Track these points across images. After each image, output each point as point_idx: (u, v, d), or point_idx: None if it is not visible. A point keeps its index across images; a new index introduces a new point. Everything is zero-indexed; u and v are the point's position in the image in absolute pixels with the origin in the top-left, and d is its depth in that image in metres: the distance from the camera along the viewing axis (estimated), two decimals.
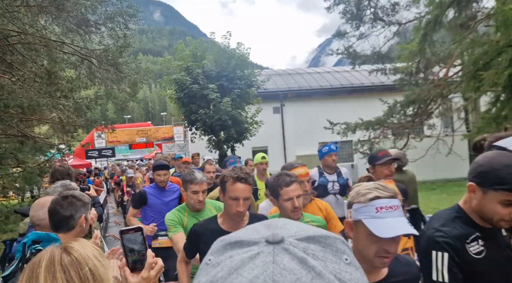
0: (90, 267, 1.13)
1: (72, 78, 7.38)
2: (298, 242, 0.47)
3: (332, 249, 0.47)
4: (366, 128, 12.16)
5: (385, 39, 14.93)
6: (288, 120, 20.86)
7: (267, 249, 0.46)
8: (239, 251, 0.47)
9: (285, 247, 0.46)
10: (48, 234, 1.98)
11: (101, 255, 1.22)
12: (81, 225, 2.15)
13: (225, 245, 0.50)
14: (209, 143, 14.89)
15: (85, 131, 14.93)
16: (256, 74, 15.21)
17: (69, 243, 1.20)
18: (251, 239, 0.48)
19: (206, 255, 0.52)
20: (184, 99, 14.04)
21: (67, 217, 2.10)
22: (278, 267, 0.43)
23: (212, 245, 0.53)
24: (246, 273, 0.43)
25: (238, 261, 0.45)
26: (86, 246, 1.22)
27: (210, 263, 0.48)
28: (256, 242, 0.47)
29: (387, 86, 17.94)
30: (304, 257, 0.44)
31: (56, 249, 1.15)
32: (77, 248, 1.18)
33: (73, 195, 2.19)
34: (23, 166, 6.35)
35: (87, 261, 1.14)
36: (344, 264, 0.46)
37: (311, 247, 0.46)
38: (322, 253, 0.46)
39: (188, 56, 14.46)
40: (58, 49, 6.52)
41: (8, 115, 5.89)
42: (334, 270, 0.44)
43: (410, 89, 11.53)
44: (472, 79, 6.07)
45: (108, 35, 7.87)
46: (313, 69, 25.06)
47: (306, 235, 0.48)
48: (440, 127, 12.58)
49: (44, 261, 1.10)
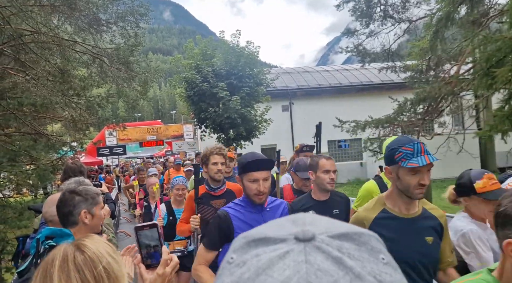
0: (104, 265, 1.13)
1: (84, 76, 7.48)
2: (331, 240, 0.43)
3: (367, 248, 0.44)
4: (376, 126, 12.08)
5: (395, 36, 14.81)
6: (297, 118, 20.84)
7: (298, 247, 0.42)
8: (265, 249, 0.43)
9: (317, 245, 0.42)
10: (61, 229, 2.01)
11: (114, 252, 1.22)
12: (82, 220, 2.09)
13: (248, 242, 0.46)
14: (219, 141, 14.95)
15: (97, 129, 15.11)
16: (265, 73, 15.22)
17: (82, 240, 1.20)
18: (278, 236, 0.44)
19: (227, 253, 0.48)
20: (194, 97, 14.11)
21: (66, 213, 2.09)
22: (312, 268, 0.39)
23: (234, 241, 0.49)
24: (276, 274, 0.40)
25: (266, 261, 0.41)
26: (99, 242, 1.21)
27: (233, 262, 0.45)
28: (284, 239, 0.43)
29: (396, 84, 17.81)
30: (340, 256, 0.41)
31: (69, 247, 1.15)
32: (90, 245, 1.17)
33: (74, 191, 2.15)
34: (37, 163, 6.46)
35: (101, 258, 1.14)
36: (382, 264, 0.43)
37: (345, 245, 0.43)
38: (357, 252, 0.42)
39: (198, 55, 14.52)
40: (70, 48, 6.61)
41: (22, 113, 5.99)
42: (373, 271, 0.41)
43: (420, 87, 11.43)
44: (485, 77, 6.00)
45: (119, 34, 7.95)
46: (322, 67, 24.98)
47: (338, 232, 0.44)
48: (451, 126, 12.45)
49: (57, 260, 1.10)
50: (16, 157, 5.91)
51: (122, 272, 1.18)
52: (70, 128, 8.73)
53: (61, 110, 7.64)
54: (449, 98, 10.90)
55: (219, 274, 0.46)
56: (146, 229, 1.46)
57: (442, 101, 11.03)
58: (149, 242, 1.45)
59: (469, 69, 11.08)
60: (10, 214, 5.81)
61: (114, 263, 1.16)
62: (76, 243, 1.17)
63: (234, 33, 14.50)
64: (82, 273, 1.08)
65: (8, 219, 5.68)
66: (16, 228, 5.82)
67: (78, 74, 7.63)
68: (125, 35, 7.86)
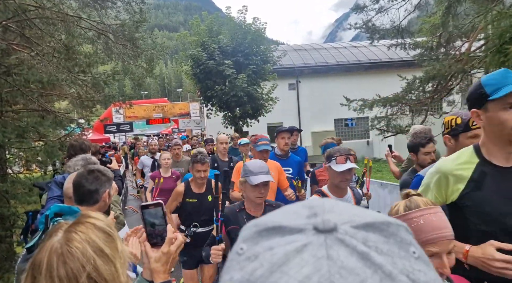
0: (89, 272, 1.07)
1: (89, 53, 7.43)
2: (355, 231, 0.38)
3: (397, 240, 0.39)
4: (384, 105, 11.94)
5: (405, 12, 14.42)
6: (303, 97, 20.70)
7: (317, 240, 0.37)
8: (279, 241, 0.38)
9: (340, 238, 0.37)
10: (70, 207, 2.00)
11: (107, 244, 1.15)
12: (104, 199, 2.19)
13: (259, 231, 0.41)
14: (225, 119, 14.95)
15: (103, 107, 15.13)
16: (272, 50, 15.03)
17: (73, 232, 1.13)
18: (294, 225, 0.39)
19: (236, 242, 0.43)
20: (200, 75, 14.02)
21: (92, 191, 2.15)
22: (335, 265, 0.34)
23: (243, 230, 0.44)
24: (293, 272, 0.35)
25: (281, 255, 0.36)
26: (90, 233, 1.14)
27: (244, 254, 0.40)
28: (301, 230, 0.38)
29: (405, 61, 17.52)
30: (366, 251, 0.36)
31: (55, 248, 1.10)
32: (78, 244, 1.10)
33: (98, 170, 2.23)
34: (45, 140, 6.51)
35: (85, 265, 1.08)
36: (414, 260, 0.38)
37: (371, 237, 0.38)
38: (386, 246, 0.37)
39: (204, 32, 14.34)
40: (75, 24, 6.54)
41: (29, 90, 6.00)
42: (405, 269, 0.36)
43: (430, 65, 11.21)
44: (497, 54, 5.86)
45: (124, 9, 7.84)
46: (330, 45, 24.58)
47: (363, 222, 0.39)
48: (460, 104, 12.28)
49: (43, 267, 1.07)
50: (24, 133, 5.95)
51: (114, 273, 1.12)
52: (77, 105, 8.75)
53: (67, 88, 7.63)
54: (459, 76, 10.70)
55: (227, 267, 0.41)
56: (152, 207, 1.47)
57: (452, 79, 10.83)
58: (154, 221, 1.47)
59: (481, 46, 10.83)
60: (20, 190, 5.91)
61: (103, 264, 1.10)
62: (65, 238, 1.12)
63: (240, 9, 14.25)
64: None
65: (18, 194, 5.78)
66: (26, 204, 5.94)
67: (84, 51, 7.58)
68: (130, 11, 7.75)
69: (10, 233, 5.85)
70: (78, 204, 2.13)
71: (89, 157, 3.19)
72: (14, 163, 6.65)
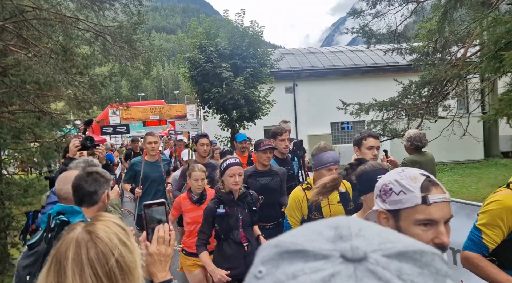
0: (117, 257, 1.11)
1: (87, 54, 7.42)
2: (387, 261, 0.34)
3: (432, 271, 0.35)
4: (380, 109, 12.01)
5: (402, 17, 14.52)
6: (300, 100, 20.74)
7: (346, 270, 0.33)
8: (303, 268, 0.34)
9: (371, 269, 0.33)
10: (72, 206, 2.09)
11: (127, 236, 1.20)
12: (103, 200, 2.26)
13: (280, 254, 0.37)
14: (222, 122, 14.94)
15: (100, 108, 15.08)
16: (269, 53, 15.06)
17: (94, 225, 1.17)
18: (319, 250, 0.36)
19: (254, 263, 0.39)
20: (197, 77, 14.02)
21: (91, 192, 2.21)
22: None
23: (261, 249, 0.40)
24: None
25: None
26: (112, 226, 1.19)
27: (263, 278, 0.36)
28: (327, 256, 0.35)
29: (401, 66, 17.61)
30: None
31: (81, 236, 1.13)
32: (103, 234, 1.14)
33: (97, 172, 2.29)
34: (41, 141, 6.49)
35: (113, 250, 1.12)
36: None
37: (405, 268, 0.34)
38: (421, 279, 0.33)
39: (202, 34, 14.35)
40: (73, 25, 6.53)
41: (25, 91, 5.98)
42: None
43: (426, 70, 11.29)
44: (493, 59, 5.91)
45: (122, 11, 7.84)
46: (327, 49, 24.67)
47: (396, 250, 0.35)
48: (456, 109, 12.37)
49: (70, 252, 1.09)
50: (20, 134, 5.93)
51: (135, 262, 1.16)
52: (74, 106, 8.73)
53: (64, 89, 7.61)
54: (455, 81, 10.78)
55: None
56: (155, 206, 1.47)
57: (448, 84, 10.91)
58: (156, 219, 1.47)
59: (477, 52, 10.92)
60: (15, 191, 5.88)
61: (127, 253, 1.15)
62: (88, 230, 1.15)
63: (238, 12, 14.29)
64: (94, 269, 1.08)
65: (13, 195, 5.75)
66: (21, 205, 5.90)
67: (81, 52, 7.57)
68: (128, 13, 7.75)
69: (4, 235, 5.81)
70: (78, 205, 2.18)
71: (91, 159, 3.21)
72: (10, 164, 6.62)
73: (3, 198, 5.67)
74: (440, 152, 13.26)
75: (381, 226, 0.40)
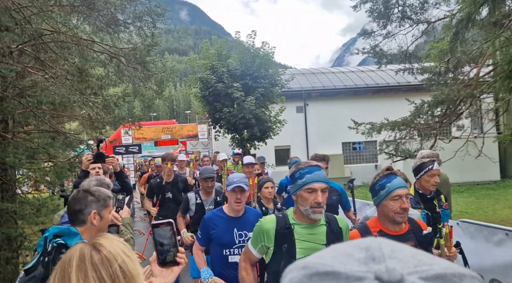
0: (120, 264, 1.14)
1: (101, 76, 7.57)
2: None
3: None
4: (392, 128, 11.91)
5: (412, 38, 14.58)
6: (311, 120, 20.73)
7: None
8: None
9: None
10: (69, 228, 2.01)
11: (129, 251, 1.23)
12: (91, 220, 2.07)
13: (310, 276, 0.35)
14: (233, 141, 14.98)
15: (113, 128, 15.30)
16: (280, 74, 15.19)
17: (97, 239, 1.20)
18: (351, 272, 0.33)
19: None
20: (209, 97, 14.16)
21: (76, 211, 2.09)
22: None
23: (289, 270, 0.38)
24: None
25: None
26: (114, 241, 1.22)
27: None
28: (361, 278, 0.33)
29: (413, 86, 17.56)
30: None
31: (85, 247, 1.16)
32: (106, 244, 1.18)
33: (86, 190, 2.16)
34: (54, 161, 6.56)
35: (116, 257, 1.15)
36: None
37: None
38: None
39: (213, 55, 14.57)
40: (88, 48, 6.71)
41: (41, 111, 6.10)
42: None
43: (438, 89, 11.23)
44: (506, 79, 5.86)
45: (136, 34, 8.03)
46: (338, 69, 24.80)
47: (434, 272, 0.33)
48: (470, 129, 12.21)
49: (74, 260, 1.11)
50: (35, 154, 6.02)
51: (137, 271, 1.18)
52: (87, 126, 8.87)
53: (78, 109, 7.75)
54: (468, 101, 10.68)
55: None
56: (162, 226, 1.47)
57: (461, 104, 10.81)
58: (163, 240, 1.47)
59: (490, 72, 10.84)
60: (28, 210, 5.92)
61: (130, 261, 1.17)
62: (92, 243, 1.18)
63: (249, 33, 14.51)
64: (98, 273, 1.10)
65: (26, 215, 5.78)
66: (33, 224, 5.92)
67: (96, 74, 7.74)
68: (142, 35, 7.94)
69: (16, 255, 5.82)
70: (71, 224, 2.08)
71: (103, 178, 3.16)
72: (23, 183, 6.69)
73: (16, 218, 5.70)
74: (455, 172, 13.05)
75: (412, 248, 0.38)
